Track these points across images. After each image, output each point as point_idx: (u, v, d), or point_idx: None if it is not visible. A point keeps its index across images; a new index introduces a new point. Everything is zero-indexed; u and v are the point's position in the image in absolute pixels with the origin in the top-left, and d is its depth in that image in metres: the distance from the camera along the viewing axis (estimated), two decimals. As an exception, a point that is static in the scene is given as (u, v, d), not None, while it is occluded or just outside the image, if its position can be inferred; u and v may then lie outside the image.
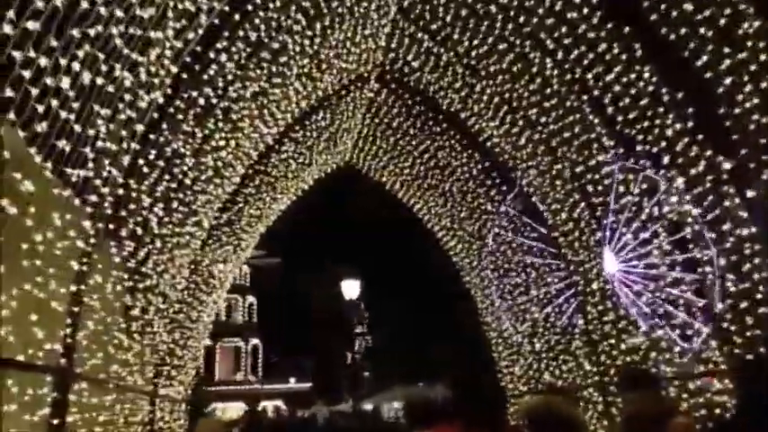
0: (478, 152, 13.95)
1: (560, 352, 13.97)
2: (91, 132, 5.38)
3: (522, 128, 11.87)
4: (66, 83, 4.66)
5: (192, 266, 11.75)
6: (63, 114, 4.77)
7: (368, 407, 33.28)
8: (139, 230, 7.64)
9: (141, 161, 7.09)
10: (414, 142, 14.83)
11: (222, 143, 9.46)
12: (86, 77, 4.95)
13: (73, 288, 5.96)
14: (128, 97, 5.92)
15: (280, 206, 15.72)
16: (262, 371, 42.45)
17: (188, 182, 8.86)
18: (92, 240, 6.24)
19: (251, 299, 43.45)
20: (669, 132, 8.89)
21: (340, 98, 13.44)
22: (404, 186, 16.74)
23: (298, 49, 9.88)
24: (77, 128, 5.06)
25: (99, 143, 5.61)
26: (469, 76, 11.81)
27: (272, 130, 11.60)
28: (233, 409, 34.82)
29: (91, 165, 5.62)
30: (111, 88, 5.48)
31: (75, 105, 4.98)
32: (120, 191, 6.64)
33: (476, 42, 10.87)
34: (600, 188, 11.04)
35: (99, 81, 5.21)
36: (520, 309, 15.25)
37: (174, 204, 8.75)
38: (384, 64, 13.25)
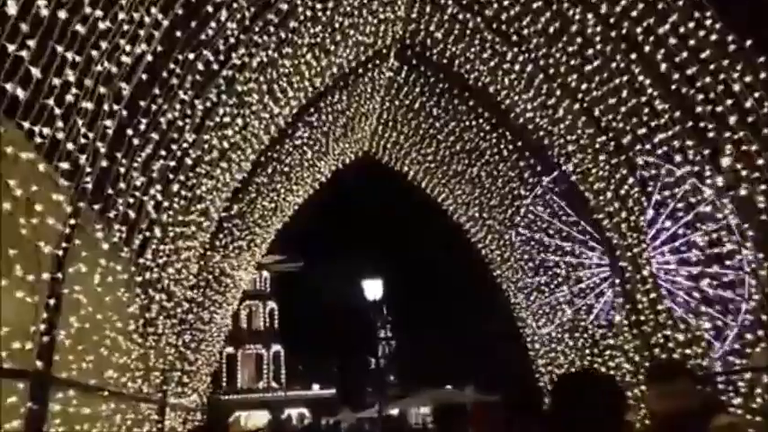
0: (509, 131, 12.80)
1: (606, 347, 12.86)
2: (56, 81, 4.37)
3: (560, 98, 10.69)
4: (12, 7, 3.65)
5: (202, 262, 10.77)
6: (10, 48, 3.76)
7: (394, 412, 32.26)
8: (132, 214, 6.62)
9: (130, 131, 6.07)
10: (437, 124, 13.75)
11: (227, 119, 8.44)
12: (42, 7, 3.94)
13: (46, 276, 4.95)
14: (104, 45, 4.90)
15: (296, 199, 14.71)
16: (285, 378, 41.54)
17: (189, 162, 7.84)
18: (71, 221, 5.25)
19: (272, 305, 42.61)
20: (736, 87, 7.68)
21: (357, 77, 12.42)
22: (427, 175, 15.69)
23: (309, 13, 8.87)
24: (35, 71, 4.05)
25: (68, 97, 4.60)
26: (499, 43, 10.68)
27: (283, 110, 10.60)
28: (256, 418, 34.02)
29: (60, 124, 4.61)
30: (80, 29, 4.48)
31: (30, 43, 3.98)
32: (104, 163, 5.61)
33: (506, 2, 9.73)
34: (652, 160, 9.84)
35: (62, 15, 4.21)
36: (558, 302, 14.15)
37: (175, 187, 7.74)
38: (404, 38, 12.21)
